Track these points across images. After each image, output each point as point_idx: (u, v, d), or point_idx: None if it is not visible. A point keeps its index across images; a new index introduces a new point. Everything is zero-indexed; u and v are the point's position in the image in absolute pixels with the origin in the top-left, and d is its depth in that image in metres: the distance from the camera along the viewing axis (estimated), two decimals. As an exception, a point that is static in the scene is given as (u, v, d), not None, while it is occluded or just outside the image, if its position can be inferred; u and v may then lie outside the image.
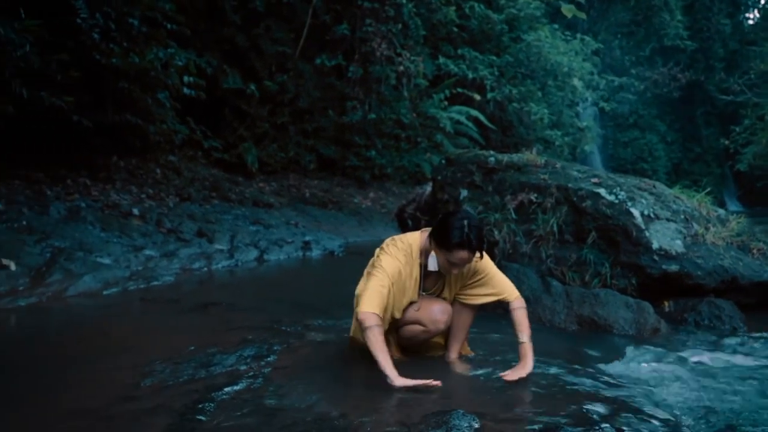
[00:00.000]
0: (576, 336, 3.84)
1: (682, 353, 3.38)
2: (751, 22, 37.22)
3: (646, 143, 35.06)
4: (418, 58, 14.30)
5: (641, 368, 3.09)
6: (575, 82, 20.52)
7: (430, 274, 2.79)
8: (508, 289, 2.83)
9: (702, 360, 3.27)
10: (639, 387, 2.74)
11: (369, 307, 2.52)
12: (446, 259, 2.60)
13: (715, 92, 30.88)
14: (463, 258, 2.57)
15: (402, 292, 2.72)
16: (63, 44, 6.07)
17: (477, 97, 16.74)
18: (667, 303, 4.47)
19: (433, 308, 2.78)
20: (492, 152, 5.82)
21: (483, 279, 2.82)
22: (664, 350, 3.43)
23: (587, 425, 2.12)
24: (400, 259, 2.71)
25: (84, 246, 5.42)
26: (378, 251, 2.79)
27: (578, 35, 21.49)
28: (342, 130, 13.77)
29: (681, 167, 35.47)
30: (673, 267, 4.35)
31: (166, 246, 6.32)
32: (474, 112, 16.82)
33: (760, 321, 4.22)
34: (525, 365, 2.64)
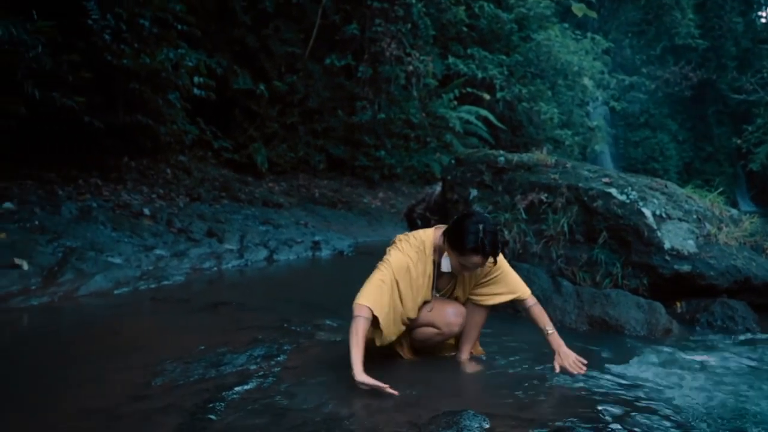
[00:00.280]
0: (587, 336, 3.82)
1: (694, 354, 3.35)
2: (764, 21, 36.77)
3: (657, 143, 34.71)
4: (428, 58, 14.25)
5: (653, 369, 3.07)
6: (585, 82, 20.36)
7: (443, 274, 2.79)
8: (522, 288, 2.84)
9: (714, 361, 3.24)
10: (650, 388, 2.72)
11: (361, 299, 2.55)
12: (459, 262, 2.61)
13: (727, 91, 30.61)
14: (476, 263, 2.58)
15: (414, 290, 2.71)
16: (74, 45, 6.11)
17: (486, 97, 16.67)
18: (679, 303, 4.43)
19: (447, 310, 2.78)
20: (502, 152, 5.80)
21: (497, 277, 2.82)
22: (676, 351, 3.40)
23: (599, 426, 2.11)
24: (411, 256, 2.71)
25: (95, 246, 5.46)
26: (389, 248, 2.78)
27: (588, 34, 21.29)
28: (351, 130, 13.76)
29: (692, 167, 35.09)
30: (686, 267, 4.31)
31: (177, 246, 6.35)
32: (483, 112, 16.74)
33: (774, 322, 4.18)
34: (566, 352, 2.73)
